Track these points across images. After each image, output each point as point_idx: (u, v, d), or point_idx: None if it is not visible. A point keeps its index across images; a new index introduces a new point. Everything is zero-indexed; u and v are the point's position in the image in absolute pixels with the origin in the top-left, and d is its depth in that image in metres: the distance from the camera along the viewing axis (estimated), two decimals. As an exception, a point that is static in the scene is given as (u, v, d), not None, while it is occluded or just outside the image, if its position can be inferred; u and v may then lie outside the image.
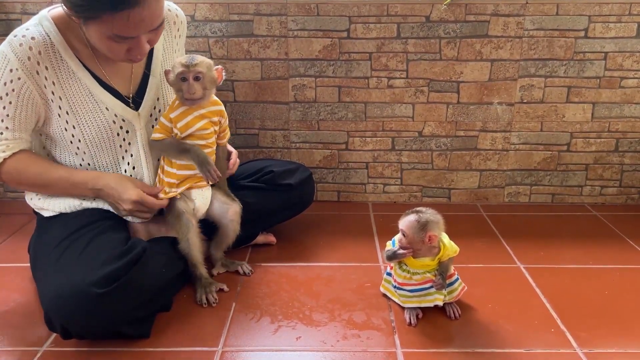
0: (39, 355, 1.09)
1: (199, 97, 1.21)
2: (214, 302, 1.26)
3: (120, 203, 1.23)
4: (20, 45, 1.13)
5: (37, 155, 1.26)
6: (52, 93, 1.18)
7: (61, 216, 1.26)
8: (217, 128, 1.30)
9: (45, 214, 1.28)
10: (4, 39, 1.72)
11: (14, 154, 1.19)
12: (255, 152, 1.87)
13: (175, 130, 1.25)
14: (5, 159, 1.19)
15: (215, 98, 1.30)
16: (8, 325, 1.18)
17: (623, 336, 1.15)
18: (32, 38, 1.14)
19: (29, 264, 1.28)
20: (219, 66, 1.27)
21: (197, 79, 1.20)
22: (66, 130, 1.21)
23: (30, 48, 1.13)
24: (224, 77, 1.27)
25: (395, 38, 1.74)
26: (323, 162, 1.88)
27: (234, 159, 1.40)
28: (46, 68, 1.16)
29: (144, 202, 1.23)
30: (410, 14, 1.71)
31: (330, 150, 1.87)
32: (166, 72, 1.25)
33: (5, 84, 1.14)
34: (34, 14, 1.71)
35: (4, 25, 1.74)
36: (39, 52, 1.14)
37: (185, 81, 1.20)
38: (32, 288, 1.31)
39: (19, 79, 1.14)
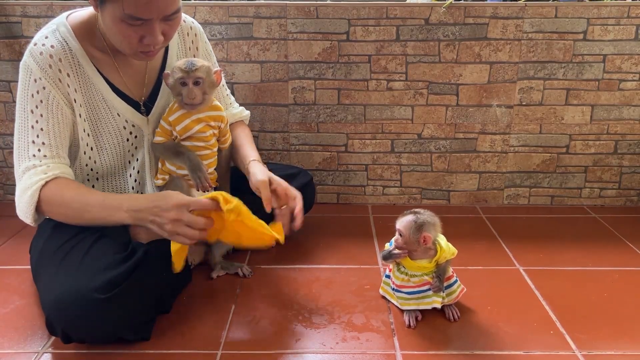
0: (38, 357, 1.09)
1: (198, 102, 1.21)
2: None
3: (162, 215, 1.08)
4: (41, 54, 1.14)
5: (72, 180, 1.19)
6: (75, 101, 1.18)
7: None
8: (216, 132, 1.30)
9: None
10: (4, 43, 1.74)
11: (54, 178, 1.14)
12: (255, 154, 1.87)
13: (175, 133, 1.25)
14: (47, 182, 1.13)
15: (216, 103, 1.30)
16: (7, 328, 1.18)
17: (622, 338, 1.15)
18: (52, 46, 1.15)
19: (29, 266, 1.28)
20: (218, 68, 1.28)
21: (196, 83, 1.20)
22: (82, 139, 1.22)
23: (50, 56, 1.14)
24: (223, 80, 1.27)
25: (394, 40, 1.74)
26: (322, 164, 1.89)
27: (298, 208, 1.25)
28: (68, 75, 1.16)
29: (188, 204, 1.08)
30: (410, 16, 1.72)
31: (329, 153, 1.87)
32: (165, 76, 1.24)
33: (32, 95, 1.14)
34: (34, 16, 1.72)
35: (4, 28, 1.74)
36: (60, 60, 1.15)
37: (184, 86, 1.20)
38: (32, 290, 1.31)
39: (44, 88, 1.14)
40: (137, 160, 1.30)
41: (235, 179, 1.43)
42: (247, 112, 1.54)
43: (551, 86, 1.78)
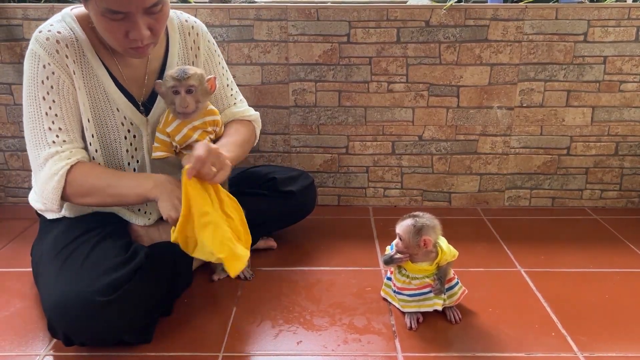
0: (40, 360, 1.09)
1: (191, 110, 1.20)
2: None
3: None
4: (47, 39, 1.14)
5: (97, 164, 1.23)
6: (78, 88, 1.19)
7: (64, 220, 1.26)
8: (212, 136, 1.29)
9: (49, 216, 1.28)
10: (5, 45, 1.75)
11: (77, 162, 1.16)
12: (256, 156, 1.87)
13: (174, 144, 1.24)
14: (72, 166, 1.14)
15: (211, 107, 1.28)
16: (9, 330, 1.18)
17: (624, 340, 1.15)
18: (58, 32, 1.15)
19: (30, 269, 1.28)
20: (212, 75, 1.26)
21: (189, 91, 1.19)
22: (86, 129, 1.21)
23: (57, 41, 1.15)
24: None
25: (395, 42, 1.74)
26: (323, 166, 1.89)
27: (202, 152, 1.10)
28: (73, 62, 1.17)
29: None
30: (410, 18, 1.72)
31: (330, 155, 1.87)
32: (157, 84, 1.22)
33: (42, 82, 1.14)
34: (35, 19, 1.73)
35: (5, 30, 1.74)
36: (66, 46, 1.16)
37: (177, 94, 1.18)
38: (33, 293, 1.31)
39: (54, 73, 1.15)
40: (137, 161, 1.30)
41: (236, 181, 1.43)
42: (253, 113, 1.46)
43: (552, 88, 1.78)
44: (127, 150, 1.27)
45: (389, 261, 1.21)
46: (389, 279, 1.28)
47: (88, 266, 1.09)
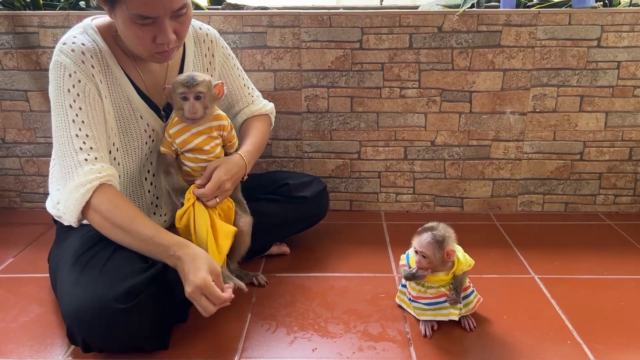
0: (58, 366, 1.11)
1: (200, 116, 1.21)
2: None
3: (185, 283, 1.07)
4: (73, 50, 1.16)
5: (123, 196, 1.18)
6: (105, 97, 1.20)
7: (81, 226, 1.27)
8: (218, 142, 1.30)
9: (65, 222, 1.30)
10: (22, 53, 1.77)
11: (107, 182, 1.13)
12: (268, 162, 1.88)
13: (174, 146, 1.26)
14: (101, 184, 1.12)
15: (219, 112, 1.29)
16: (28, 336, 1.20)
17: (640, 348, 1.15)
18: (83, 44, 1.17)
19: (47, 274, 1.29)
20: (219, 81, 1.27)
21: (198, 98, 1.20)
22: (109, 137, 1.23)
23: (82, 52, 1.16)
24: (225, 92, 1.26)
25: (407, 48, 1.75)
26: (335, 171, 1.89)
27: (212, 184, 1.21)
28: (99, 72, 1.19)
29: (207, 289, 1.06)
30: (422, 24, 1.72)
31: (342, 160, 1.88)
32: (166, 90, 1.24)
33: (69, 90, 1.15)
34: (51, 27, 1.75)
35: (22, 38, 1.76)
36: (91, 57, 1.18)
37: (186, 100, 1.20)
38: (51, 299, 1.33)
39: (80, 81, 1.15)
40: (152, 164, 1.32)
41: (249, 187, 1.44)
42: (270, 106, 1.53)
43: (565, 93, 1.78)
44: (145, 155, 1.30)
45: (411, 278, 1.19)
46: (404, 286, 1.28)
47: (106, 273, 1.10)
